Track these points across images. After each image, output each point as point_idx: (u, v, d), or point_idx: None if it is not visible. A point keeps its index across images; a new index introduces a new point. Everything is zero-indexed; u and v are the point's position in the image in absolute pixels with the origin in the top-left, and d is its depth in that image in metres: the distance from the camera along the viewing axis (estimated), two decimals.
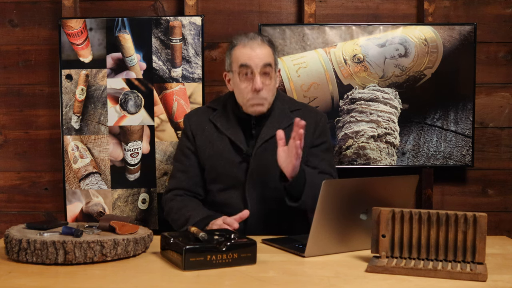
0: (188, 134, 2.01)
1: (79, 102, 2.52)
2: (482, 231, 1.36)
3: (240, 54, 1.89)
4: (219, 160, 1.94)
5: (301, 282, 1.32)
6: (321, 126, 2.01)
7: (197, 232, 1.44)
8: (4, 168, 2.72)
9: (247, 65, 1.86)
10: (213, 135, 1.97)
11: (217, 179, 1.96)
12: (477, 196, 2.73)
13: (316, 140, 1.99)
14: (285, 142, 1.76)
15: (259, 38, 1.91)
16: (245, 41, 1.90)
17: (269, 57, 1.90)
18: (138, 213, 2.55)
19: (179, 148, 2.06)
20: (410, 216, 1.42)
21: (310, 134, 1.97)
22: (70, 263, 1.40)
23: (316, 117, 2.01)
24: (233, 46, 1.93)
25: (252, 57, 1.86)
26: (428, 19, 2.60)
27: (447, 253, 1.40)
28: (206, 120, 2.00)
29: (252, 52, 1.87)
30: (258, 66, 1.86)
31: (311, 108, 2.09)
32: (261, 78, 1.86)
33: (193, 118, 2.03)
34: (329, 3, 2.69)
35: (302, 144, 1.70)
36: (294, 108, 2.00)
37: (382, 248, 1.43)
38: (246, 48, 1.88)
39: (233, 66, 1.92)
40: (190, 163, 2.00)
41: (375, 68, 2.54)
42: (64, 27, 2.51)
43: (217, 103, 2.04)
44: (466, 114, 2.55)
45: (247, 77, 1.88)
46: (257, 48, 1.88)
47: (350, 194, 1.52)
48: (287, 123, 1.95)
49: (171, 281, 1.31)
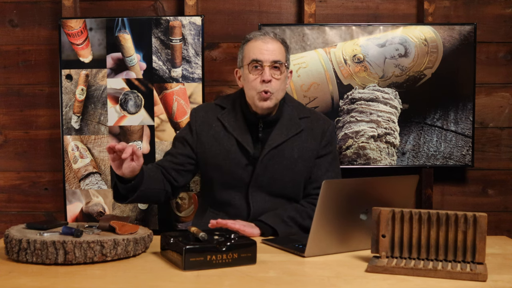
0: (192, 128, 2.01)
1: (79, 102, 2.52)
2: (482, 231, 1.36)
3: (252, 48, 1.91)
4: (225, 159, 1.94)
5: (301, 282, 1.32)
6: (328, 136, 2.00)
7: (197, 232, 1.44)
8: (4, 168, 2.72)
9: (257, 59, 1.88)
10: (220, 134, 1.97)
11: (220, 178, 1.96)
12: (477, 196, 2.73)
13: (322, 150, 1.99)
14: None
15: (272, 34, 1.93)
16: (258, 36, 1.92)
17: (280, 54, 1.91)
18: (138, 213, 2.55)
19: (179, 134, 2.06)
20: (410, 216, 1.42)
21: (316, 144, 1.97)
22: (70, 263, 1.40)
23: (323, 126, 2.00)
24: (246, 41, 1.95)
25: (263, 51, 1.88)
26: (428, 19, 2.60)
27: (447, 253, 1.40)
28: (214, 118, 2.00)
29: (264, 45, 1.89)
30: (268, 60, 1.88)
31: (319, 116, 2.06)
32: (271, 70, 1.88)
33: (200, 113, 2.02)
34: (329, 3, 2.69)
35: (229, 225, 1.72)
36: (303, 116, 2.00)
37: (382, 248, 1.43)
38: (258, 41, 1.90)
39: (244, 60, 1.93)
40: (181, 151, 1.99)
41: (375, 68, 2.53)
42: (64, 27, 2.51)
43: (226, 102, 2.03)
44: (466, 114, 2.55)
45: (257, 70, 1.89)
46: (269, 42, 1.90)
47: (350, 194, 1.52)
48: (295, 130, 1.95)
49: (171, 281, 1.31)
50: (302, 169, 1.95)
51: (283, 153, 1.93)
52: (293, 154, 1.94)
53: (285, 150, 1.93)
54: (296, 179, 1.96)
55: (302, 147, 1.95)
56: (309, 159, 1.96)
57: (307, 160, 1.96)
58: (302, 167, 1.95)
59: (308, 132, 1.97)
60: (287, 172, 1.93)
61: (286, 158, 1.93)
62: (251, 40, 1.93)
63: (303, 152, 1.95)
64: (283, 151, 1.93)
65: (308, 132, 1.97)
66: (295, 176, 1.95)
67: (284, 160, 1.93)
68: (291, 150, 1.94)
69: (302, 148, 1.95)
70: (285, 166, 1.93)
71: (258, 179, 1.92)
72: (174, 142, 2.05)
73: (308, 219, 1.85)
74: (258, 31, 1.97)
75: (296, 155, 1.94)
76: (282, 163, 1.92)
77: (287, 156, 1.93)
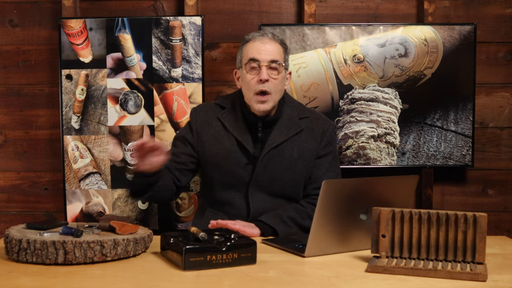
0: (193, 128, 2.01)
1: (79, 102, 2.52)
2: (482, 231, 1.36)
3: (250, 48, 1.92)
4: (225, 159, 1.94)
5: (301, 282, 1.32)
6: (328, 136, 2.01)
7: (197, 232, 1.44)
8: (4, 168, 2.72)
9: (255, 58, 1.89)
10: (220, 133, 1.97)
11: (220, 177, 1.96)
12: (477, 196, 2.73)
13: (322, 150, 1.99)
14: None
15: (270, 34, 1.94)
16: (256, 36, 1.93)
17: (278, 54, 1.91)
18: (138, 213, 2.55)
19: (179, 134, 2.06)
20: (410, 216, 1.42)
21: (316, 144, 1.98)
22: (70, 263, 1.40)
23: (323, 126, 2.01)
24: (245, 42, 1.96)
25: (261, 51, 1.89)
26: (428, 19, 2.60)
27: (447, 253, 1.40)
28: (214, 117, 2.00)
29: (261, 45, 1.90)
30: (266, 60, 1.88)
31: (319, 116, 2.07)
32: (268, 70, 1.88)
33: (200, 113, 2.03)
34: (329, 3, 2.68)
35: (229, 225, 1.74)
36: (303, 116, 2.00)
37: (382, 248, 1.43)
38: (256, 42, 1.91)
39: (242, 60, 1.94)
40: (182, 151, 2.00)
41: (375, 68, 2.53)
42: (64, 27, 2.51)
43: (226, 101, 2.04)
44: (466, 114, 2.55)
45: (255, 70, 1.90)
46: (267, 43, 1.90)
47: (350, 194, 1.52)
48: (295, 130, 1.96)
49: (171, 281, 1.31)
50: (302, 169, 1.95)
51: (283, 153, 1.93)
52: (293, 154, 1.94)
53: (285, 150, 1.93)
54: (296, 179, 1.96)
55: (302, 147, 1.95)
56: (309, 159, 1.96)
57: (307, 160, 1.96)
58: (302, 167, 1.95)
59: (308, 132, 1.98)
60: (287, 172, 1.94)
61: (286, 158, 1.93)
62: (249, 41, 1.94)
63: (303, 152, 1.95)
64: (283, 151, 1.93)
65: (308, 132, 1.98)
66: (295, 176, 1.95)
67: (284, 160, 1.93)
68: (291, 150, 1.94)
69: (302, 148, 1.95)
70: (285, 166, 1.93)
71: (258, 179, 1.92)
72: (174, 142, 2.05)
73: (308, 219, 1.85)
74: (257, 32, 1.97)
75: (296, 155, 1.94)
76: (282, 163, 1.93)
77: (287, 156, 1.93)
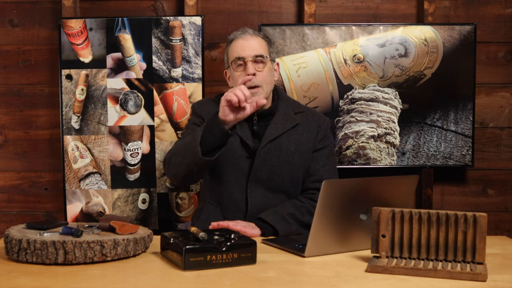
0: (199, 114, 2.03)
1: (79, 102, 2.52)
2: (482, 231, 1.36)
3: (234, 47, 1.97)
4: (226, 153, 1.95)
5: (301, 282, 1.32)
6: (324, 130, 2.04)
7: (197, 232, 1.44)
8: (4, 168, 2.72)
9: (239, 56, 1.93)
10: None
11: (221, 171, 1.97)
12: (477, 196, 2.73)
13: (319, 144, 2.02)
14: None
15: (251, 30, 1.99)
16: (238, 34, 1.98)
17: (261, 47, 1.95)
18: (138, 213, 2.55)
19: (190, 122, 2.06)
20: (410, 216, 1.42)
21: (312, 137, 2.01)
22: (70, 263, 1.40)
23: (319, 121, 2.04)
24: (229, 42, 2.01)
25: (244, 47, 1.94)
26: (428, 19, 2.60)
27: (447, 253, 1.40)
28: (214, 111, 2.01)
29: (244, 42, 1.95)
30: (250, 55, 1.92)
31: (314, 112, 2.11)
32: (254, 64, 1.92)
33: (204, 105, 2.06)
34: (329, 3, 2.69)
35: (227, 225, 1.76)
36: (298, 111, 2.04)
37: (382, 248, 1.43)
38: (239, 40, 1.96)
39: (229, 60, 1.99)
40: None
41: (375, 68, 2.53)
42: (64, 27, 2.51)
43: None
44: (466, 114, 2.55)
45: (241, 67, 1.94)
46: (249, 39, 1.95)
47: (350, 194, 1.52)
48: (291, 124, 1.98)
49: (171, 281, 1.31)
50: (300, 162, 1.97)
51: (280, 147, 1.95)
52: (289, 148, 1.96)
53: (282, 143, 1.96)
54: (294, 172, 1.97)
55: (298, 141, 1.98)
56: (305, 152, 1.99)
57: (304, 153, 1.98)
58: (300, 160, 1.97)
59: (303, 126, 2.01)
60: (285, 165, 1.95)
61: (283, 152, 1.95)
62: (232, 40, 1.99)
63: (300, 145, 1.98)
64: (280, 145, 1.95)
65: (304, 126, 2.01)
66: (293, 169, 1.97)
67: (281, 154, 1.95)
68: (288, 144, 1.96)
69: (298, 142, 1.98)
70: (282, 159, 1.95)
71: (257, 173, 1.93)
72: (189, 126, 2.03)
73: (308, 214, 1.86)
74: (238, 30, 2.00)
75: (293, 148, 1.97)
76: (279, 157, 1.95)
77: (284, 150, 1.95)
